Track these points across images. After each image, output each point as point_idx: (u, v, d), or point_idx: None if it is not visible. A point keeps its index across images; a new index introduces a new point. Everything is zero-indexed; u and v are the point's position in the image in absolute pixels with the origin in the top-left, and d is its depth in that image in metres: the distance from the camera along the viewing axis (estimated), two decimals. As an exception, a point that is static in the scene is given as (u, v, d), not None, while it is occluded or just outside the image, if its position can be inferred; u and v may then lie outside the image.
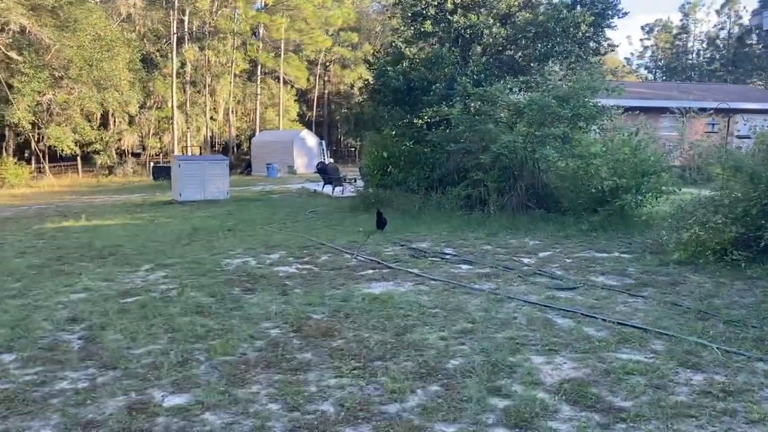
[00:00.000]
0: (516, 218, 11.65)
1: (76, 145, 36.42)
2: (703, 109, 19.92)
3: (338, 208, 16.17)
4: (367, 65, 16.45)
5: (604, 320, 5.60)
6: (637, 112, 17.27)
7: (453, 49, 14.34)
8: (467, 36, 14.89)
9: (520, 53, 15.02)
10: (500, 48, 15.09)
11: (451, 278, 7.41)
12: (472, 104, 12.39)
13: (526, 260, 8.54)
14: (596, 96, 11.96)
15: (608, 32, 15.80)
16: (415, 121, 15.39)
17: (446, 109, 12.23)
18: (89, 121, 38.95)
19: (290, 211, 16.19)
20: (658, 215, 10.92)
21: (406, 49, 15.58)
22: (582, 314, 5.80)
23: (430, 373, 4.44)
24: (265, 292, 7.08)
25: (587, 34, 14.18)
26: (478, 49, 14.46)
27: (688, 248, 7.76)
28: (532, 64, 14.87)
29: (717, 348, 4.79)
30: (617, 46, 76.35)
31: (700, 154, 19.29)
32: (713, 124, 16.87)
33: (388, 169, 15.83)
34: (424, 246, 9.87)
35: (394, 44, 16.14)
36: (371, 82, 16.15)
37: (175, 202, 19.43)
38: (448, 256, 8.95)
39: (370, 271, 8.02)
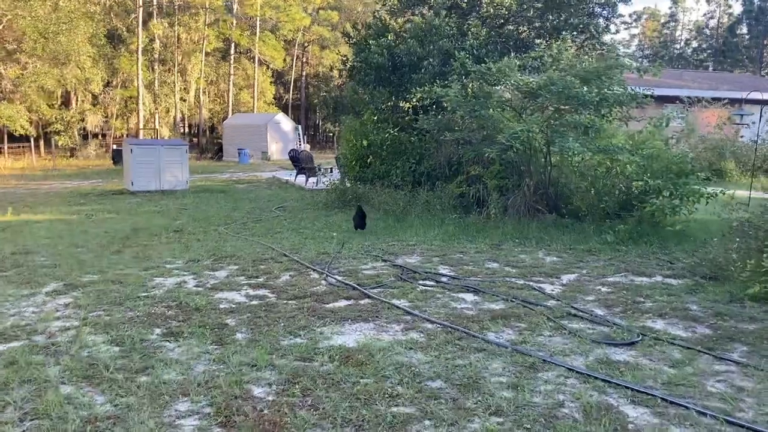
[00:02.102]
0: (523, 224, 9.64)
1: (31, 125, 33.79)
2: (716, 99, 18.10)
3: (310, 204, 14.05)
4: (347, 39, 14.29)
5: (701, 413, 3.62)
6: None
7: (448, 19, 12.22)
8: (464, 5, 12.76)
9: (525, 27, 12.93)
10: (502, 21, 12.99)
11: (455, 319, 5.38)
12: (472, 84, 10.36)
13: (548, 288, 6.54)
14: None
15: (621, 8, 13.73)
16: (401, 104, 13.29)
17: (439, 89, 10.19)
18: (49, 99, 36.29)
19: (255, 207, 14.04)
20: (696, 224, 8.99)
21: (392, 20, 13.42)
22: (662, 399, 3.81)
23: None
24: (195, 338, 5.00)
25: (603, 4, 12.10)
26: (478, 20, 12.35)
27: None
28: (537, 41, 12.82)
29: None
30: (631, 23, 74.01)
31: (713, 148, 17.51)
32: (742, 114, 15.00)
33: (368, 160, 13.73)
34: (413, 262, 7.82)
35: (377, 15, 13.96)
36: (350, 59, 13.97)
37: (126, 192, 17.15)
38: (445, 279, 6.92)
39: (343, 303, 5.97)
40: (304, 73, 55.54)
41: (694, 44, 71.62)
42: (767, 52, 62.73)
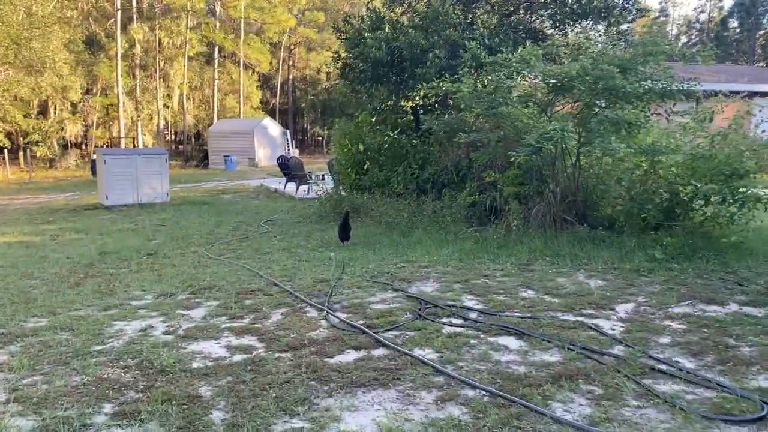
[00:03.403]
0: (550, 238, 8.34)
1: (6, 137, 32.26)
2: (734, 92, 16.88)
3: (302, 216, 12.69)
4: (338, 34, 12.96)
5: None
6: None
7: (454, 6, 10.90)
8: (471, -9, 11.42)
9: (538, 14, 11.61)
10: (512, 7, 11.68)
11: (504, 381, 4.06)
12: (486, 78, 9.07)
13: (605, 325, 5.23)
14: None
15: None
16: (402, 103, 11.96)
17: (449, 84, 8.88)
18: (26, 109, 34.74)
19: (241, 221, 12.67)
20: (754, 235, 7.73)
21: (389, 11, 12.09)
22: None
23: None
24: (155, 420, 3.66)
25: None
26: (487, 5, 11.01)
27: None
28: (549, 31, 11.54)
29: None
30: (649, 10, 72.35)
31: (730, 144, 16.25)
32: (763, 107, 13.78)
33: (365, 167, 12.39)
34: (431, 290, 6.50)
35: (370, 6, 12.61)
36: (342, 56, 12.62)
37: (101, 207, 15.73)
38: (474, 315, 5.60)
39: (352, 356, 4.63)
40: (290, 77, 54.14)
41: (684, 39, 70.78)
42: (759, 44, 61.96)
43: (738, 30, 63.72)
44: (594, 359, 4.41)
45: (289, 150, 35.45)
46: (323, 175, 17.59)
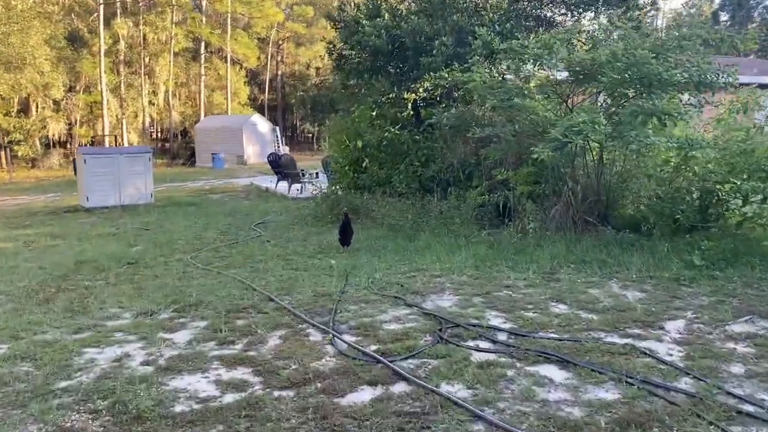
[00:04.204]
0: (571, 241, 7.58)
1: (-16, 136, 31.25)
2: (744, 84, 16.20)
3: (297, 217, 11.87)
4: (332, 23, 12.12)
5: None
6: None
7: (462, -9, 10.07)
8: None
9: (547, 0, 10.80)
10: (518, -7, 10.84)
11: (557, 430, 3.30)
12: (499, 67, 8.32)
13: (659, 348, 4.48)
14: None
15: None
16: (405, 96, 11.14)
17: (460, 74, 8.10)
18: (6, 107, 33.70)
19: (230, 223, 11.84)
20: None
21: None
22: None
23: None
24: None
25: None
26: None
27: None
28: (559, 18, 10.79)
29: None
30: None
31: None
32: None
33: (364, 165, 11.59)
34: (448, 305, 5.72)
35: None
36: (338, 46, 11.78)
37: (81, 209, 14.84)
38: (504, 337, 4.84)
39: (367, 395, 3.85)
40: (279, 72, 53.13)
41: (675, 33, 70.27)
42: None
43: (729, 23, 63.30)
44: (660, 396, 3.66)
45: (279, 147, 34.57)
46: (317, 173, 16.79)
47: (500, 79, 8.21)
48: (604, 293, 5.89)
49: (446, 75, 8.45)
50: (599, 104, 7.61)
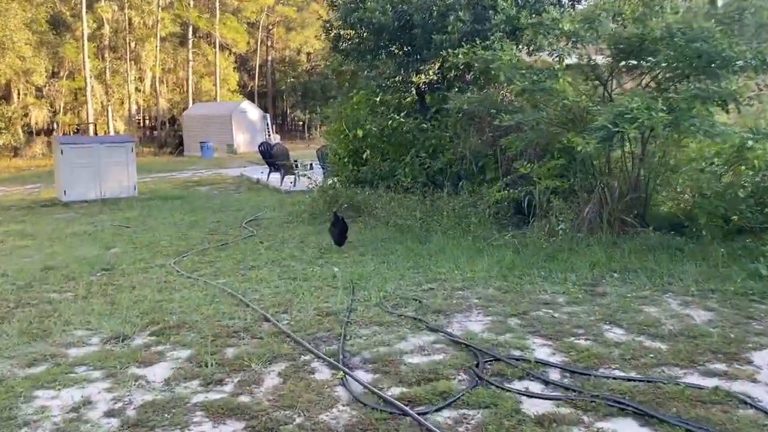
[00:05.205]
0: (608, 245, 6.65)
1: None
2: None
3: (292, 213, 10.88)
4: (329, 1, 11.02)
5: None
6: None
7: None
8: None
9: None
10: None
11: None
12: (528, 46, 7.36)
13: (761, 395, 3.56)
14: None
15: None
16: (414, 79, 10.12)
17: (483, 52, 7.10)
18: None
19: (219, 220, 10.85)
20: None
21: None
22: None
23: None
24: None
25: None
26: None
27: None
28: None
29: None
30: None
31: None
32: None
33: (364, 156, 10.60)
34: (479, 328, 4.78)
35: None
36: (336, 24, 10.73)
37: (59, 203, 13.78)
38: (556, 374, 3.92)
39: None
40: (269, 58, 51.79)
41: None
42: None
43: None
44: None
45: (270, 135, 33.47)
46: (311, 164, 15.79)
47: (526, 58, 7.23)
48: (664, 312, 4.97)
49: (465, 52, 7.43)
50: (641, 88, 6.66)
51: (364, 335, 4.72)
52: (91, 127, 34.77)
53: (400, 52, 9.97)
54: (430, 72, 9.75)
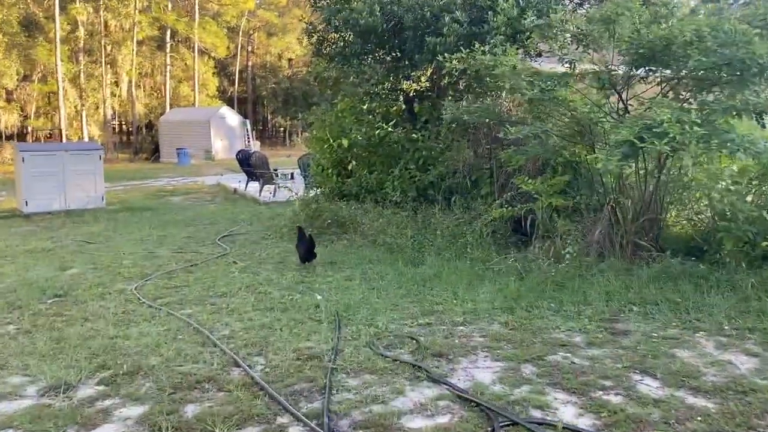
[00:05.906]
0: (622, 272, 5.96)
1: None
2: None
3: (270, 228, 10.10)
4: (311, 2, 10.28)
5: None
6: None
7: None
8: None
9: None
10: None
11: None
12: (531, 50, 6.69)
13: None
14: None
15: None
16: (405, 86, 9.40)
17: (482, 56, 6.41)
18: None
19: (191, 236, 10.03)
20: None
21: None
22: None
23: None
24: None
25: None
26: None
27: None
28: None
29: None
30: None
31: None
32: None
33: (349, 167, 9.86)
34: (489, 378, 4.05)
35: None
36: (319, 28, 9.99)
37: (19, 215, 12.85)
38: (591, 448, 3.20)
39: None
40: (250, 63, 50.91)
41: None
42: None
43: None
44: None
45: (249, 142, 32.63)
46: (292, 174, 15.02)
47: (530, 65, 6.55)
48: (700, 358, 4.28)
49: (463, 57, 6.72)
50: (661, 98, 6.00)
51: (353, 388, 3.97)
52: (64, 133, 33.64)
53: (389, 57, 9.24)
54: (422, 78, 9.04)
